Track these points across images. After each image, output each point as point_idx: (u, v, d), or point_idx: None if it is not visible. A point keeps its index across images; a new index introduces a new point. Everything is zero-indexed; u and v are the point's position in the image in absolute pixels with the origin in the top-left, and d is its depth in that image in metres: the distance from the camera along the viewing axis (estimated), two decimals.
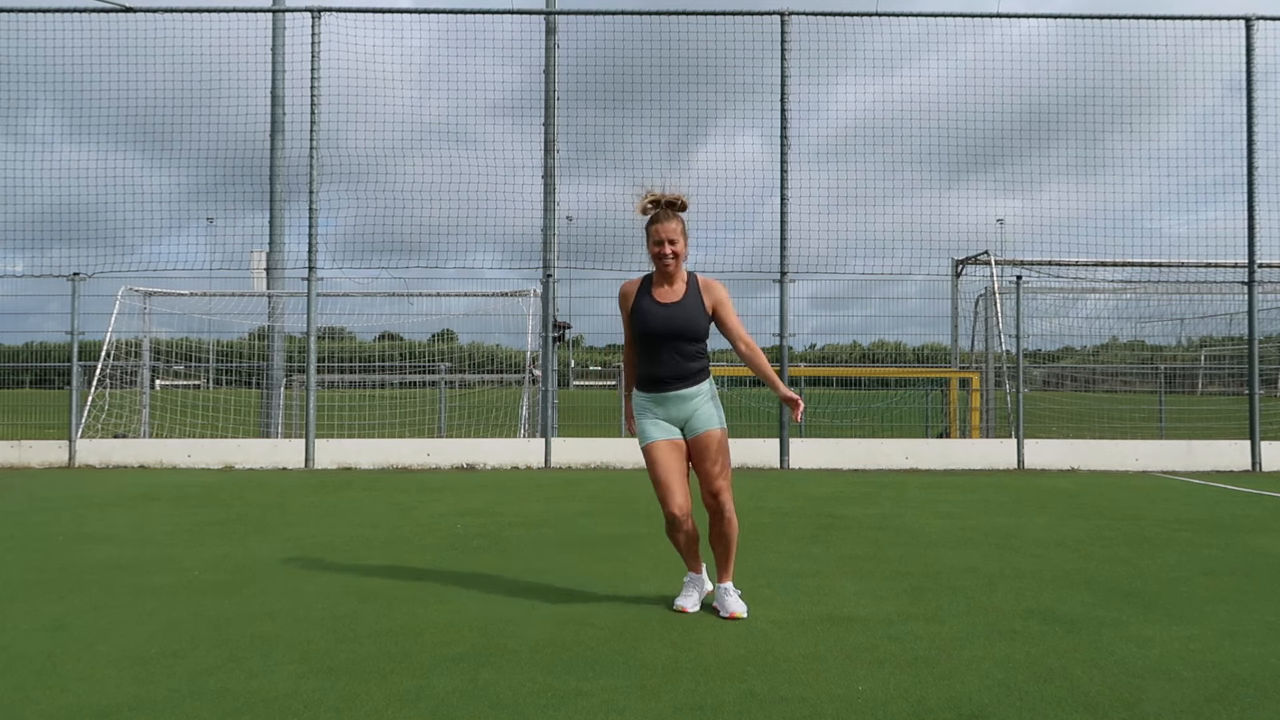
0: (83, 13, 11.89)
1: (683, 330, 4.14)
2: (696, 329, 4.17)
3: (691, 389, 4.19)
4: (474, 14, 12.17)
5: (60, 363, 13.16)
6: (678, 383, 4.17)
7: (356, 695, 3.10)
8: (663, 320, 4.14)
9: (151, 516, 7.27)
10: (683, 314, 4.15)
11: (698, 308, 4.19)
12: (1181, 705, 3.03)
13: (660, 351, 4.16)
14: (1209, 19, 11.94)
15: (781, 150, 11.80)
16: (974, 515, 7.45)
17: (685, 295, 4.20)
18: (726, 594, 4.23)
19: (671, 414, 4.21)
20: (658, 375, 4.18)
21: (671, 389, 4.17)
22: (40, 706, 3.01)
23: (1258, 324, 11.87)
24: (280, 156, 13.49)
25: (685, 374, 4.18)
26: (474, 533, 6.53)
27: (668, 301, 4.17)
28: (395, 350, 15.56)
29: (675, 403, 4.19)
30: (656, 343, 4.16)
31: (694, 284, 4.24)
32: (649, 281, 4.25)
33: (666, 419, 4.22)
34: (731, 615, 4.15)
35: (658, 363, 4.17)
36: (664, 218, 4.16)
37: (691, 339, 4.17)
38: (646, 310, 4.17)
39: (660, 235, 4.14)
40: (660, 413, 4.22)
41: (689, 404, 4.20)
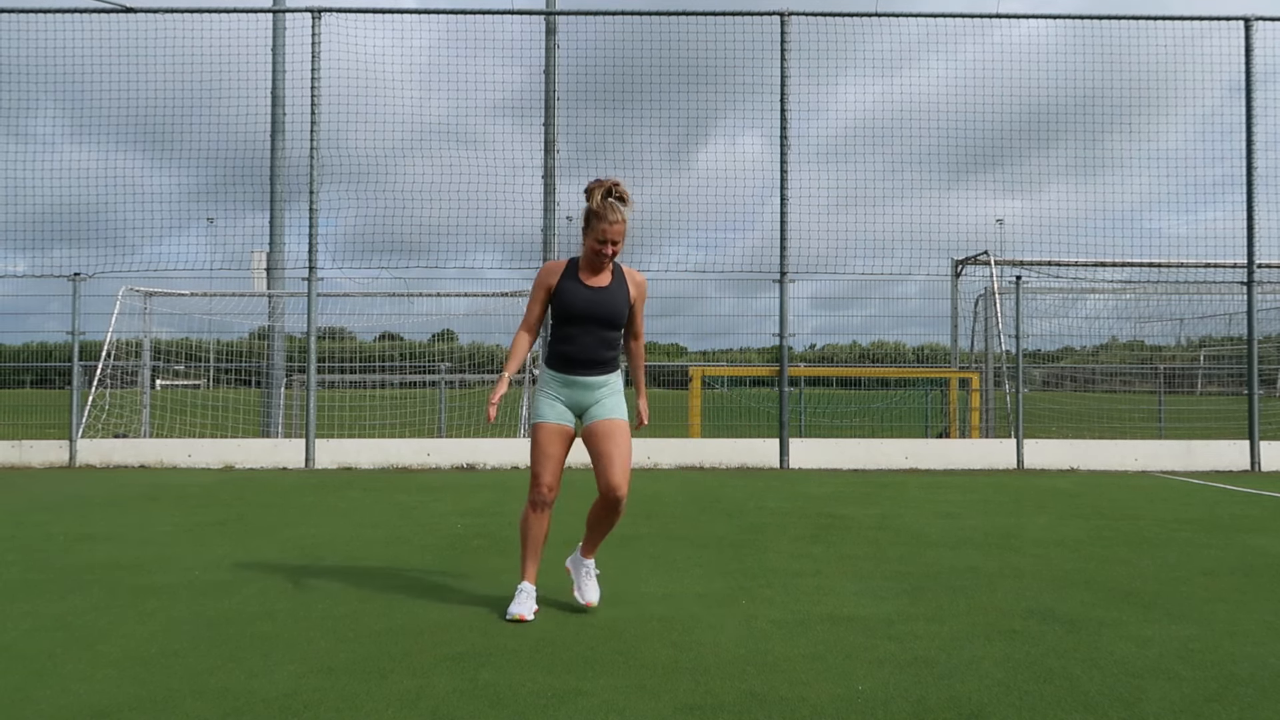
0: (83, 13, 11.90)
1: (606, 316, 4.16)
2: (619, 316, 4.20)
3: (600, 377, 4.21)
4: (474, 14, 12.18)
5: (61, 363, 13.17)
6: (590, 368, 4.18)
7: (356, 695, 3.11)
8: (588, 303, 4.14)
9: (152, 516, 7.27)
10: (609, 300, 4.17)
11: (623, 296, 4.21)
12: (1181, 705, 3.03)
13: (579, 334, 4.16)
14: (1208, 19, 11.95)
15: (781, 150, 11.80)
16: (974, 515, 7.45)
17: (612, 282, 4.21)
18: (589, 574, 4.31)
19: (575, 398, 4.21)
20: (571, 356, 4.18)
21: (581, 373, 4.18)
22: (41, 706, 3.01)
23: (1257, 324, 11.88)
24: (280, 157, 13.50)
25: (600, 360, 4.20)
26: (474, 533, 6.53)
27: (594, 285, 4.18)
28: (395, 350, 15.57)
29: (581, 388, 4.20)
30: (579, 324, 4.16)
31: (619, 272, 4.26)
32: (575, 264, 4.24)
33: (568, 403, 4.21)
34: (587, 604, 4.23)
35: (574, 344, 4.17)
36: (613, 217, 4.09)
37: (612, 326, 4.19)
38: (572, 292, 4.16)
39: (607, 236, 4.10)
40: (563, 395, 4.21)
41: (594, 392, 4.21)
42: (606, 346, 4.21)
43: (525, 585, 4.25)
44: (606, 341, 4.21)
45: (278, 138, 13.46)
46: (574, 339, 4.17)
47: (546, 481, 4.16)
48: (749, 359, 15.29)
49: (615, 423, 4.19)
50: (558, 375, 4.22)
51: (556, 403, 4.21)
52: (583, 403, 4.22)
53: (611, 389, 4.26)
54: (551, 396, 4.22)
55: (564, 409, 4.21)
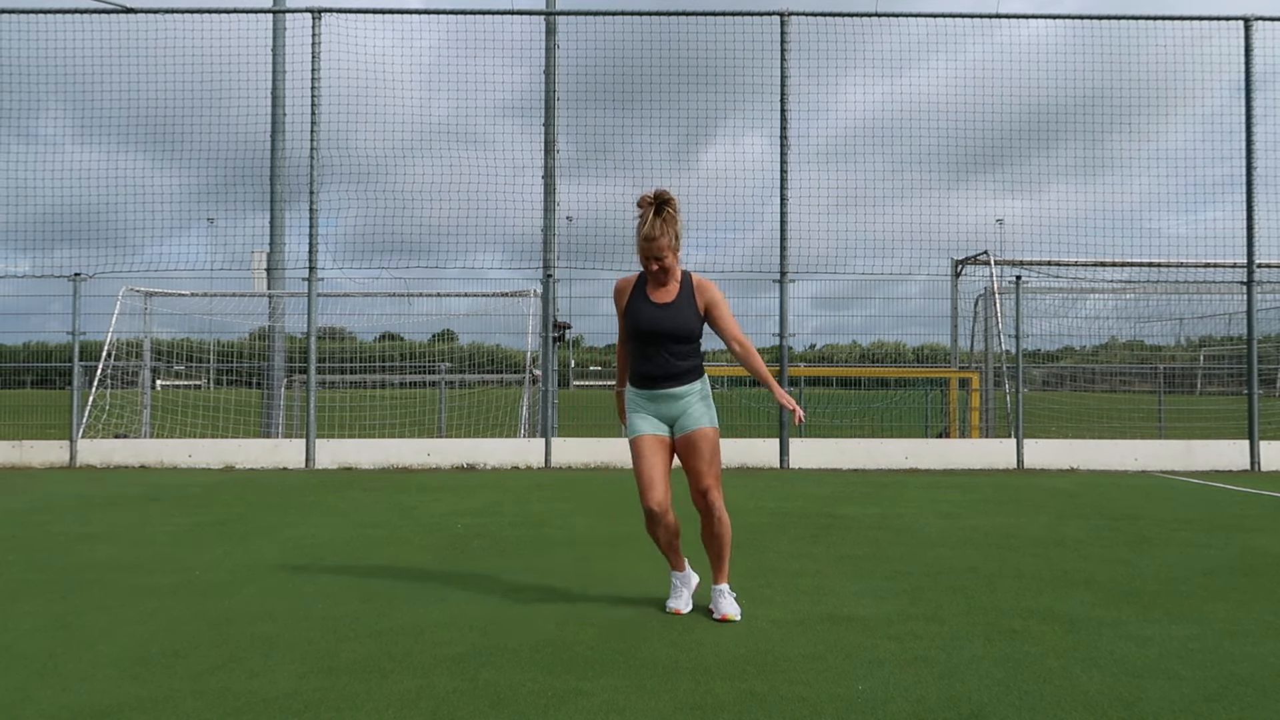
0: (83, 13, 11.91)
1: (674, 331, 4.15)
2: (688, 330, 4.18)
3: (682, 388, 4.21)
4: (474, 14, 12.19)
5: (61, 363, 13.17)
6: (669, 381, 4.19)
7: (356, 695, 3.11)
8: (655, 320, 4.15)
9: (152, 516, 7.28)
10: (675, 314, 4.16)
11: (690, 308, 4.20)
12: (1181, 705, 3.04)
13: (652, 350, 4.17)
14: (1208, 19, 11.95)
15: (781, 151, 11.81)
16: (974, 515, 7.46)
17: (678, 295, 4.20)
18: (721, 595, 4.23)
19: (662, 411, 4.23)
20: (649, 373, 4.20)
21: (662, 387, 4.19)
22: (42, 706, 3.01)
23: (1256, 324, 11.88)
24: (281, 157, 13.50)
25: (676, 373, 4.19)
26: (474, 533, 6.54)
27: (661, 302, 4.18)
28: (395, 350, 15.57)
29: (666, 401, 4.21)
30: (648, 342, 4.17)
31: (688, 284, 4.24)
32: (644, 279, 4.24)
33: (657, 415, 4.23)
34: (724, 617, 4.14)
35: (649, 361, 4.19)
36: (654, 232, 4.04)
37: (683, 339, 4.18)
38: (639, 309, 4.18)
39: (650, 252, 4.07)
40: (651, 409, 4.23)
41: (679, 403, 4.22)
42: (681, 358, 4.20)
43: (676, 574, 4.33)
44: (681, 354, 4.19)
45: (278, 138, 13.46)
46: (649, 356, 4.19)
47: (655, 498, 4.15)
48: None
49: (700, 433, 4.19)
50: (641, 392, 4.24)
51: (648, 416, 4.23)
52: (670, 414, 4.23)
53: (697, 396, 4.25)
54: (641, 412, 4.25)
55: (657, 421, 4.23)
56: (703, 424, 4.21)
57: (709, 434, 4.21)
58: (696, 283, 4.26)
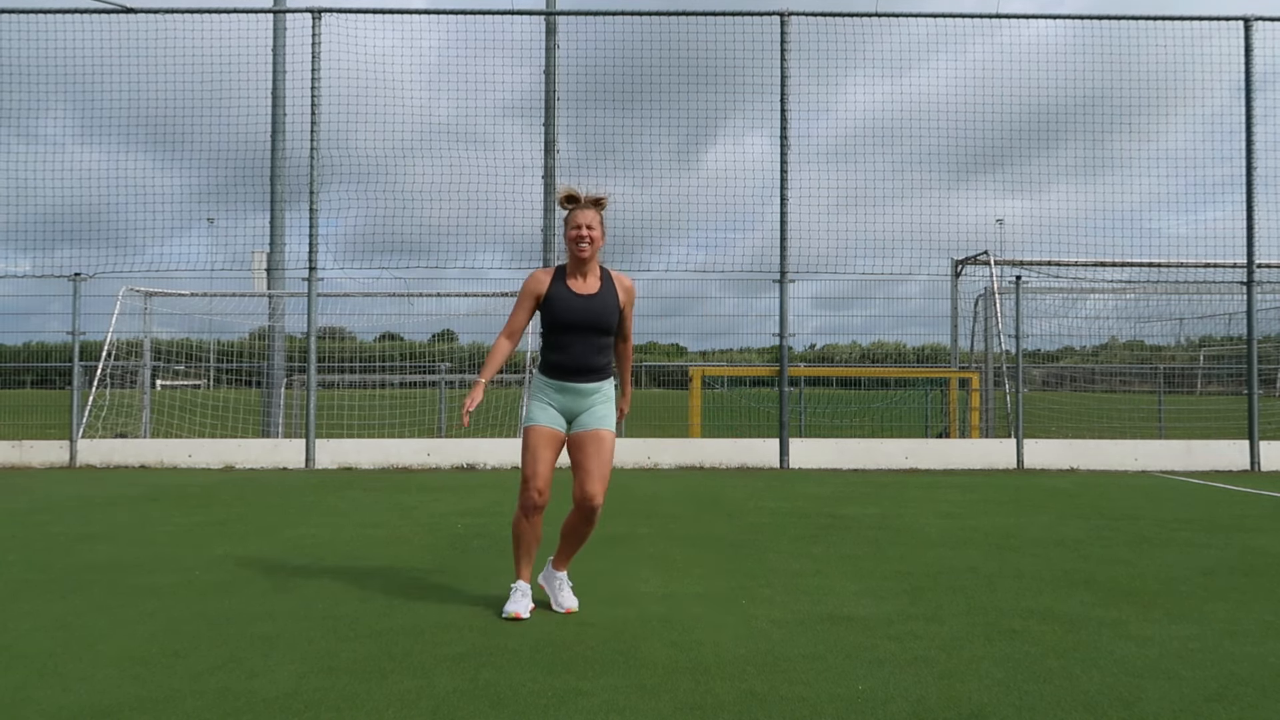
0: (82, 13, 11.90)
1: (597, 323, 4.17)
2: (610, 322, 4.21)
3: (592, 384, 4.22)
4: (474, 14, 12.18)
5: (61, 363, 13.17)
6: (583, 375, 4.20)
7: (356, 695, 3.11)
8: (579, 312, 4.15)
9: (152, 516, 7.27)
10: (599, 306, 4.18)
11: (613, 302, 4.22)
12: (1181, 705, 3.03)
13: (572, 342, 4.17)
14: (1208, 19, 11.95)
15: (781, 151, 11.80)
16: (974, 515, 7.45)
17: (601, 288, 4.22)
18: (562, 585, 4.31)
19: (567, 404, 4.22)
20: (563, 364, 4.19)
21: (574, 380, 4.19)
22: (41, 706, 3.01)
23: (1256, 324, 11.88)
24: (281, 157, 13.50)
25: (593, 367, 4.21)
26: (474, 533, 6.53)
27: (585, 293, 4.19)
28: (396, 350, 15.57)
29: (575, 395, 4.21)
30: (568, 332, 4.17)
31: (609, 278, 4.27)
32: (563, 271, 4.25)
33: (561, 408, 4.22)
34: (567, 611, 4.21)
35: (567, 353, 4.18)
36: (582, 206, 4.21)
37: (604, 332, 4.21)
38: (563, 300, 4.17)
39: (578, 221, 4.18)
40: (556, 400, 4.22)
41: (587, 399, 4.22)
42: (599, 353, 4.23)
43: (520, 584, 4.26)
44: (599, 348, 4.22)
45: (278, 138, 13.46)
46: (566, 347, 4.18)
47: (537, 485, 4.15)
48: (749, 359, 15.29)
49: (600, 433, 4.21)
50: (551, 381, 4.23)
51: (549, 407, 4.22)
52: (574, 409, 4.23)
53: (604, 396, 4.27)
54: (544, 401, 4.23)
55: (556, 414, 4.22)
56: (606, 424, 4.23)
57: (608, 436, 4.23)
58: (617, 277, 4.31)
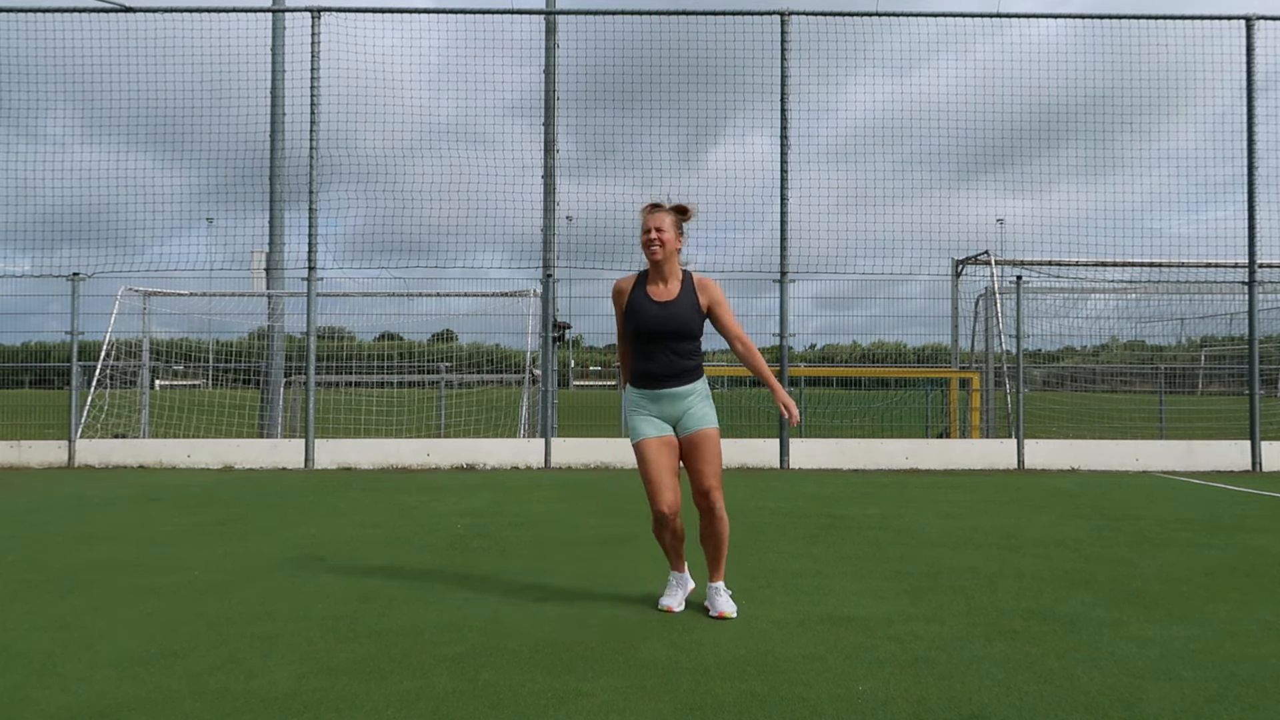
0: (82, 12, 11.89)
1: (676, 329, 4.14)
2: (690, 328, 4.18)
3: (685, 387, 4.20)
4: (473, 14, 12.18)
5: (60, 363, 13.16)
6: (671, 380, 4.18)
7: (356, 695, 3.10)
8: (656, 319, 4.14)
9: (151, 516, 7.27)
10: (677, 313, 4.16)
11: (692, 307, 4.19)
12: (1181, 705, 3.03)
13: (654, 349, 4.16)
14: (1209, 19, 11.95)
15: (782, 150, 11.79)
16: (974, 515, 7.45)
17: (680, 294, 4.20)
18: (717, 594, 4.23)
19: (664, 411, 4.21)
20: (651, 372, 4.19)
21: (665, 386, 4.18)
22: (41, 706, 3.01)
23: (1258, 324, 11.88)
24: (280, 156, 13.49)
25: (679, 371, 4.18)
26: (474, 533, 6.53)
27: (662, 300, 4.17)
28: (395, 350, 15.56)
29: (668, 400, 4.19)
30: (650, 341, 4.16)
31: (689, 282, 4.24)
32: (644, 278, 4.24)
33: (660, 416, 4.22)
34: (720, 615, 4.14)
35: (651, 359, 4.18)
36: (656, 210, 4.20)
37: (685, 338, 4.18)
38: (640, 308, 4.17)
39: (649, 224, 4.16)
40: (653, 410, 4.21)
41: (682, 402, 4.20)
42: (684, 357, 4.19)
43: (674, 574, 4.32)
44: (683, 353, 4.19)
45: (278, 137, 13.45)
46: (650, 355, 4.17)
47: (665, 500, 4.12)
48: None
49: (705, 433, 4.19)
50: (644, 392, 4.22)
51: (651, 418, 4.21)
52: (672, 413, 4.22)
53: (699, 396, 4.24)
54: (644, 413, 4.22)
55: (659, 422, 4.21)
56: (706, 424, 4.20)
57: (712, 434, 4.20)
58: (698, 281, 4.26)
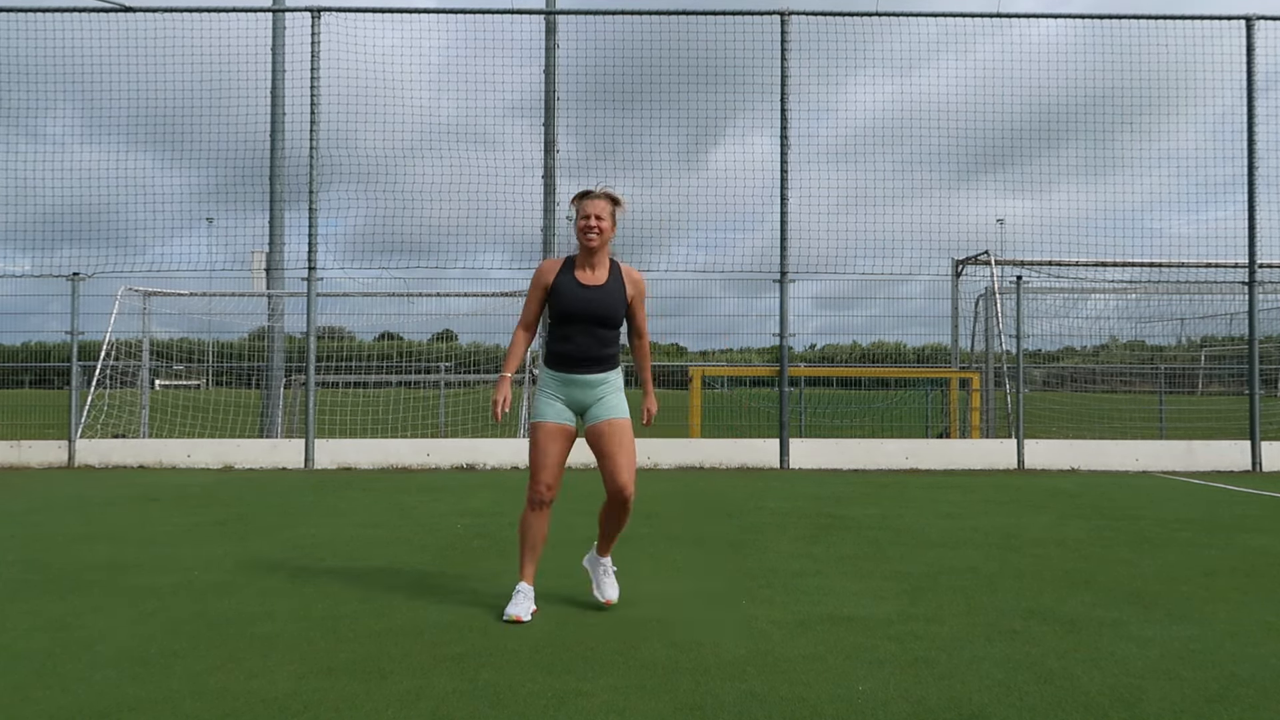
0: (81, 12, 11.89)
1: (601, 314, 4.14)
2: (614, 314, 4.18)
3: (599, 375, 4.19)
4: (473, 14, 12.17)
5: (60, 363, 13.16)
6: (589, 366, 4.17)
7: (356, 695, 3.10)
8: (584, 302, 4.13)
9: (152, 516, 7.27)
10: (605, 298, 4.16)
11: (619, 294, 4.20)
12: (1181, 705, 3.03)
13: (574, 332, 4.15)
14: (1209, 19, 11.94)
15: (782, 150, 11.79)
16: (974, 515, 7.45)
17: (608, 280, 4.20)
18: (606, 572, 4.32)
19: (574, 397, 4.19)
20: (569, 355, 4.16)
21: (580, 371, 4.16)
22: (40, 706, 3.01)
23: (1258, 324, 11.88)
24: (280, 156, 13.49)
25: (597, 358, 4.18)
26: (474, 533, 6.53)
27: (590, 284, 4.17)
28: (395, 350, 15.55)
29: (581, 387, 4.18)
30: (572, 323, 4.15)
31: (616, 271, 4.25)
32: (571, 263, 4.23)
33: (568, 402, 4.20)
34: (607, 602, 4.23)
35: (570, 342, 4.16)
36: (593, 197, 4.17)
37: (608, 324, 4.18)
38: (568, 290, 4.15)
39: (587, 210, 4.14)
40: (562, 394, 4.19)
41: (593, 390, 4.19)
42: (604, 344, 4.19)
43: (523, 586, 4.24)
44: (604, 339, 4.19)
45: (278, 137, 13.45)
46: (571, 338, 4.15)
47: (545, 480, 4.14)
48: (749, 359, 15.29)
49: (618, 422, 4.17)
50: (557, 375, 4.19)
51: (556, 401, 4.19)
52: (583, 402, 4.20)
53: (612, 387, 4.24)
54: (551, 396, 4.20)
55: (564, 408, 4.19)
56: (620, 412, 4.20)
57: (624, 424, 4.20)
58: (626, 270, 4.28)
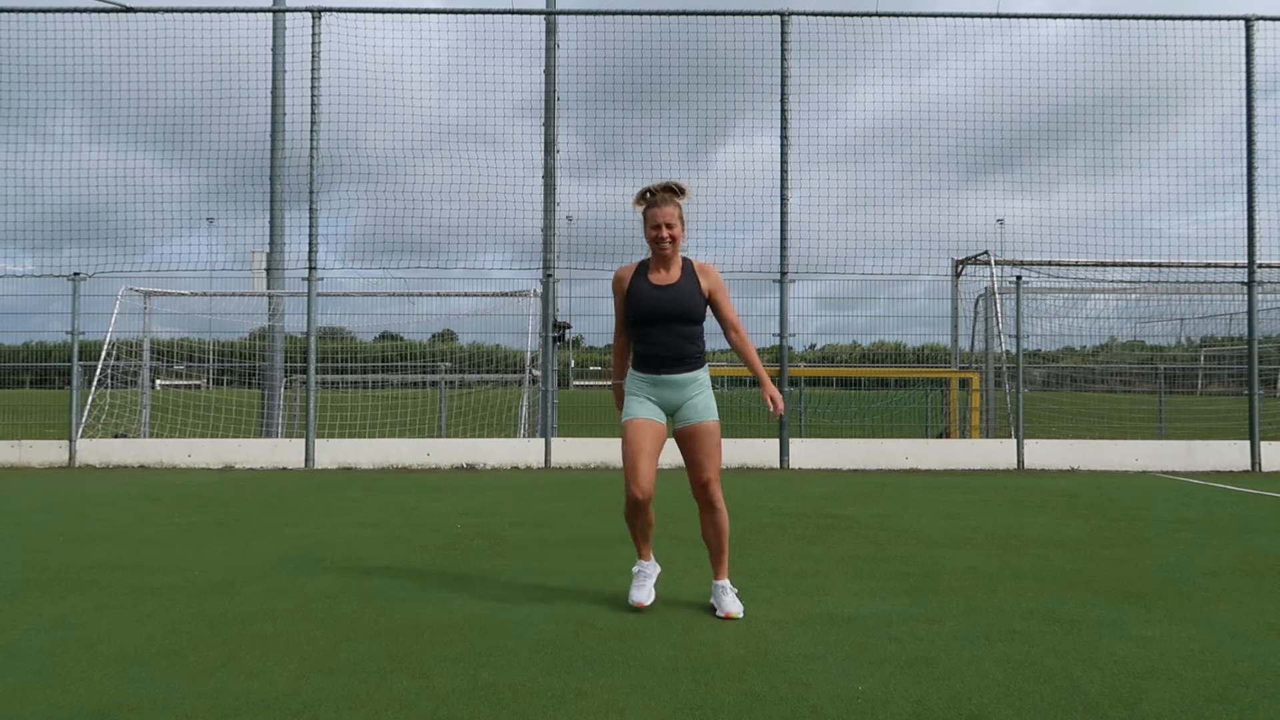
0: (81, 12, 11.89)
1: (678, 311, 4.15)
2: (692, 310, 4.18)
3: (687, 374, 4.19)
4: (473, 14, 12.18)
5: (61, 362, 13.16)
6: (675, 365, 4.17)
7: (356, 695, 3.10)
8: (658, 302, 4.15)
9: (152, 516, 7.27)
10: (679, 296, 4.16)
11: (694, 290, 4.20)
12: (1181, 705, 3.03)
13: (656, 332, 4.17)
14: (1209, 19, 11.94)
15: (782, 150, 11.79)
16: (974, 515, 7.45)
17: (681, 278, 4.21)
18: (724, 592, 4.22)
19: (665, 397, 4.20)
20: (654, 355, 4.18)
21: (668, 371, 4.17)
22: (40, 706, 3.01)
23: (1257, 324, 11.88)
24: (280, 156, 13.49)
25: (683, 356, 4.18)
26: (474, 533, 6.53)
27: (664, 284, 4.18)
28: (395, 350, 15.56)
29: (671, 387, 4.19)
30: (652, 324, 4.16)
31: (690, 268, 4.26)
32: (645, 266, 4.25)
33: (658, 401, 4.21)
34: (727, 615, 4.13)
35: (653, 343, 4.18)
36: (661, 202, 4.16)
37: (688, 320, 4.18)
38: (642, 292, 4.17)
39: (658, 219, 4.14)
40: (654, 395, 4.21)
41: (684, 390, 4.20)
42: (688, 341, 4.19)
43: (641, 564, 4.28)
44: (687, 336, 4.19)
45: (278, 137, 13.45)
46: (652, 338, 4.17)
47: (639, 484, 4.09)
48: None
49: (706, 425, 4.17)
50: (646, 376, 4.21)
51: (647, 401, 4.20)
52: (673, 402, 4.21)
53: (700, 386, 4.24)
54: (641, 396, 4.21)
55: (655, 407, 4.20)
56: (708, 416, 4.19)
57: (713, 427, 4.19)
58: (699, 266, 4.28)
